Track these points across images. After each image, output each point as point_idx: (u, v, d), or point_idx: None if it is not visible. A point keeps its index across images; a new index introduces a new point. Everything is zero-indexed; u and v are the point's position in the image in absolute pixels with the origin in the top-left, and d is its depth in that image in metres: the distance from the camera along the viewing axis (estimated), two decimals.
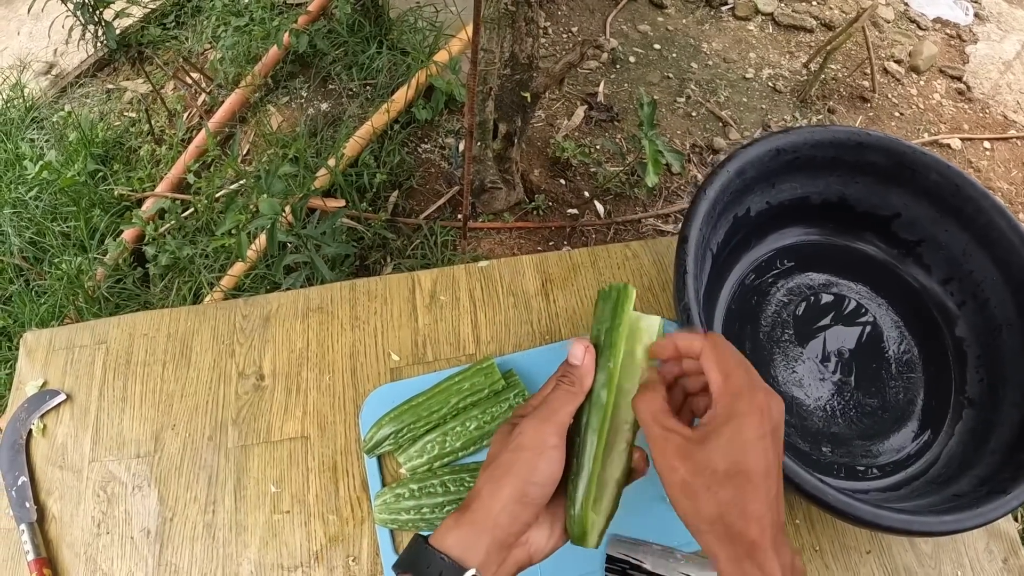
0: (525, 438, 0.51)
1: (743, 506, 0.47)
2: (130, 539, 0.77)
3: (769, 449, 0.48)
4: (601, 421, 0.52)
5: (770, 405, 0.49)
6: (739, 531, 0.47)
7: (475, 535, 0.48)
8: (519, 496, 0.49)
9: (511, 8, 1.38)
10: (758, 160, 0.77)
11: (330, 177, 1.90)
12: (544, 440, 0.50)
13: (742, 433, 0.48)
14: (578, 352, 0.54)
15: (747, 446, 0.48)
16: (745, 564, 0.46)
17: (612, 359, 0.53)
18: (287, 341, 0.87)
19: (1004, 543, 0.75)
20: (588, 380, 0.53)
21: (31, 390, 0.86)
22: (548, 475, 0.50)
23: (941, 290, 0.83)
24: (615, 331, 0.53)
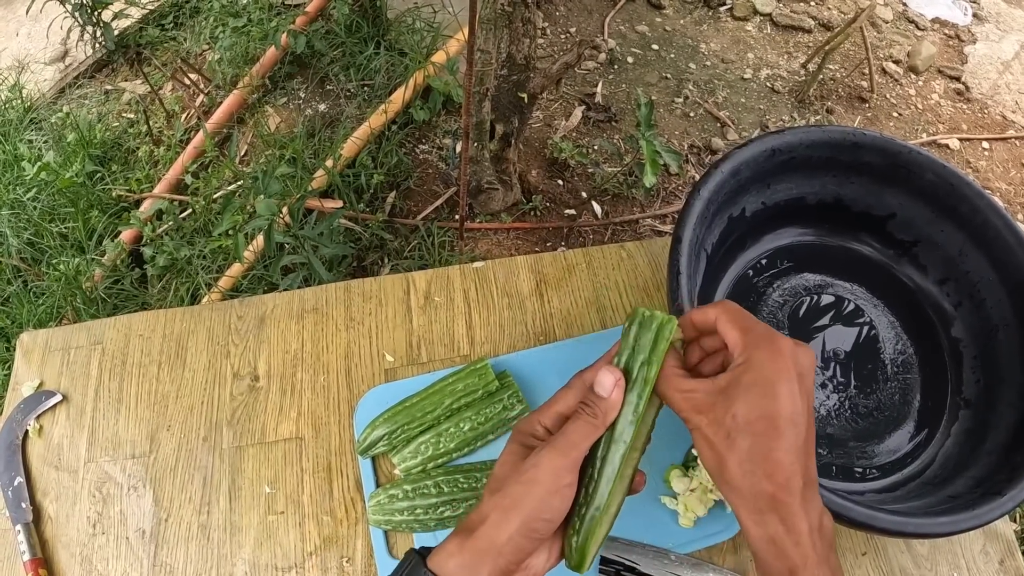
0: (540, 472, 0.48)
1: (766, 454, 0.45)
2: (125, 539, 0.77)
3: (796, 394, 0.46)
4: (622, 460, 0.50)
5: (796, 351, 0.47)
6: (761, 482, 0.45)
7: (477, 563, 0.47)
8: (527, 531, 0.48)
9: (508, 9, 1.38)
10: (753, 160, 0.77)
11: (327, 178, 1.90)
12: (559, 477, 0.48)
13: (764, 377, 0.46)
14: (607, 383, 0.50)
15: (769, 390, 0.46)
16: (768, 518, 0.45)
17: (641, 396, 0.50)
18: (282, 342, 0.87)
19: (1001, 544, 0.75)
20: (612, 415, 0.50)
21: (27, 391, 0.86)
22: (559, 511, 0.49)
23: (937, 290, 0.83)
24: (651, 368, 0.50)
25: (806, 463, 0.46)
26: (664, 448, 0.77)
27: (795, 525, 0.44)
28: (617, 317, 0.87)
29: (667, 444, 0.77)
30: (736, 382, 0.47)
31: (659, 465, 0.76)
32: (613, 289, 0.89)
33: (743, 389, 0.46)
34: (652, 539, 0.72)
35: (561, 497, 0.48)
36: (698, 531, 0.73)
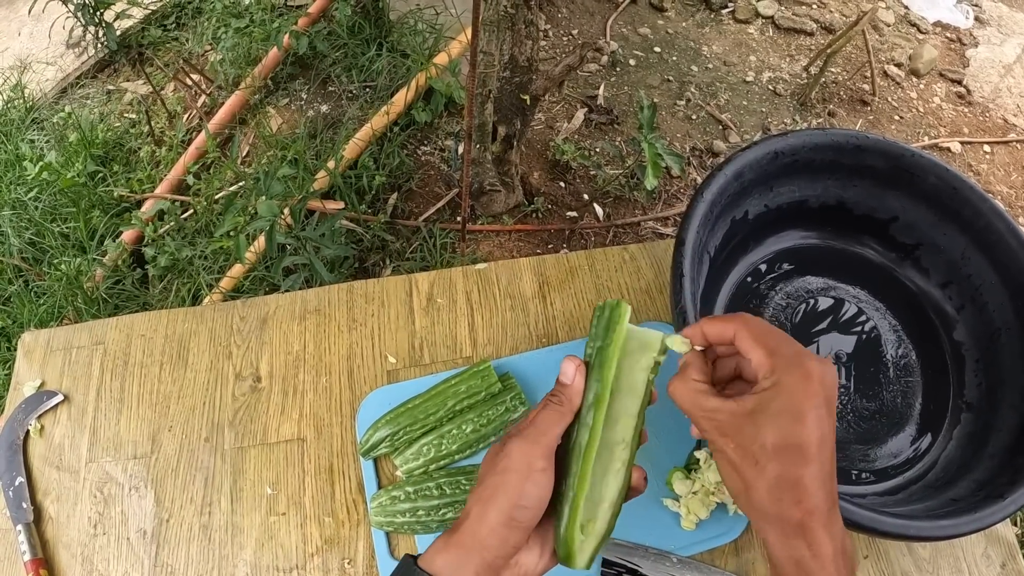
0: (511, 460, 0.50)
1: (795, 481, 0.45)
2: (126, 540, 0.77)
3: (824, 419, 0.46)
4: (588, 441, 0.51)
5: (823, 373, 0.47)
6: (790, 509, 0.45)
7: (464, 557, 0.48)
8: (506, 520, 0.48)
9: (510, 11, 1.38)
10: (756, 163, 0.77)
11: (329, 179, 1.90)
12: (530, 463, 0.49)
13: (794, 403, 0.46)
14: (569, 370, 0.53)
15: (799, 417, 0.46)
16: (795, 542, 0.45)
17: (602, 378, 0.52)
18: (284, 343, 0.87)
19: (1002, 548, 0.75)
20: (577, 400, 0.52)
21: (28, 391, 0.86)
22: (535, 498, 0.49)
23: (940, 294, 0.83)
24: (606, 350, 0.52)
25: (831, 487, 0.46)
26: (666, 451, 0.77)
27: (821, 549, 0.45)
28: None
29: (669, 447, 0.77)
30: (764, 407, 0.47)
31: (661, 468, 0.76)
32: (616, 291, 0.89)
33: (772, 415, 0.46)
34: (654, 541, 0.72)
35: (535, 483, 0.49)
36: (700, 534, 0.73)
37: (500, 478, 0.49)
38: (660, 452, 0.77)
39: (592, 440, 0.51)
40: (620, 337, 0.52)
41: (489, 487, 0.50)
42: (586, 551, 0.51)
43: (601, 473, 0.52)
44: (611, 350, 0.52)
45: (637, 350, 0.53)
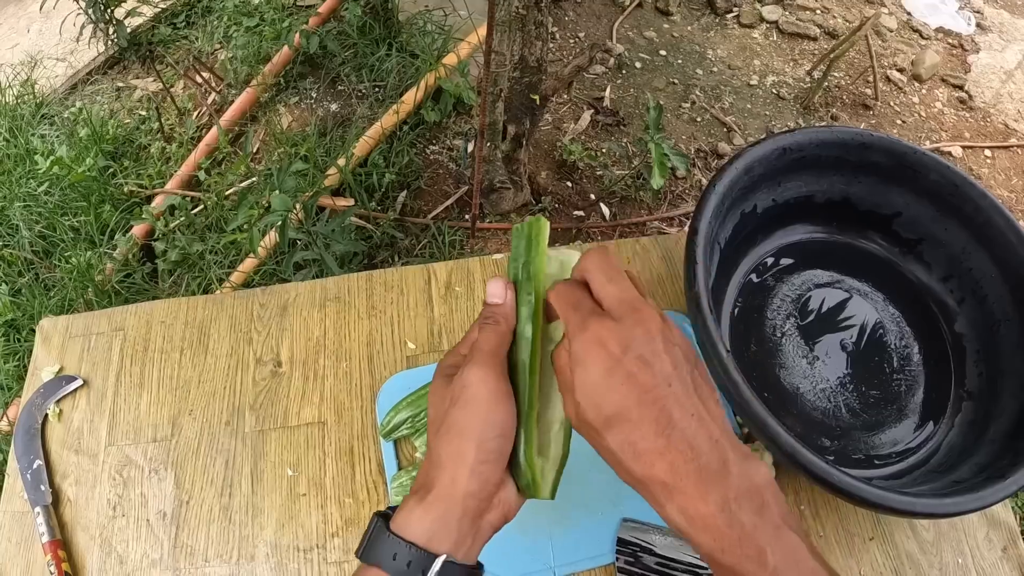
0: (473, 390, 0.46)
1: (632, 448, 0.42)
2: (146, 522, 0.79)
3: (634, 375, 0.42)
4: (531, 356, 0.48)
5: (613, 331, 0.43)
6: (644, 473, 0.42)
7: (444, 514, 0.44)
8: (484, 456, 0.45)
9: (522, 12, 1.40)
10: (765, 158, 0.79)
11: (340, 176, 1.92)
12: (493, 387, 0.46)
13: (589, 378, 0.43)
14: (497, 290, 0.50)
15: (599, 387, 0.42)
16: (668, 510, 0.41)
17: (533, 291, 0.50)
18: (304, 329, 0.89)
19: (1003, 532, 0.77)
20: (512, 317, 0.49)
21: (47, 376, 0.87)
22: (506, 424, 0.46)
23: (941, 287, 0.85)
24: (532, 264, 0.51)
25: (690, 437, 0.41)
26: None
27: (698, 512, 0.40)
28: None
29: None
30: (573, 389, 0.44)
31: None
32: None
33: (579, 393, 0.44)
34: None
35: (501, 408, 0.46)
36: None
37: (464, 412, 0.46)
38: None
39: (534, 355, 0.49)
40: (543, 249, 0.51)
41: (455, 426, 0.46)
42: (548, 478, 0.49)
43: (545, 396, 0.50)
44: (538, 262, 0.50)
45: (557, 270, 0.52)
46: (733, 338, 0.83)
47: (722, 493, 0.40)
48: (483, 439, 0.45)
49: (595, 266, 0.47)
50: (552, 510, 0.75)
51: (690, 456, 0.40)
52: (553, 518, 0.75)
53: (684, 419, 0.41)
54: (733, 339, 0.83)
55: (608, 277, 0.46)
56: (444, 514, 0.44)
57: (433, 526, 0.44)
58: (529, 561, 0.73)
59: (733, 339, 0.83)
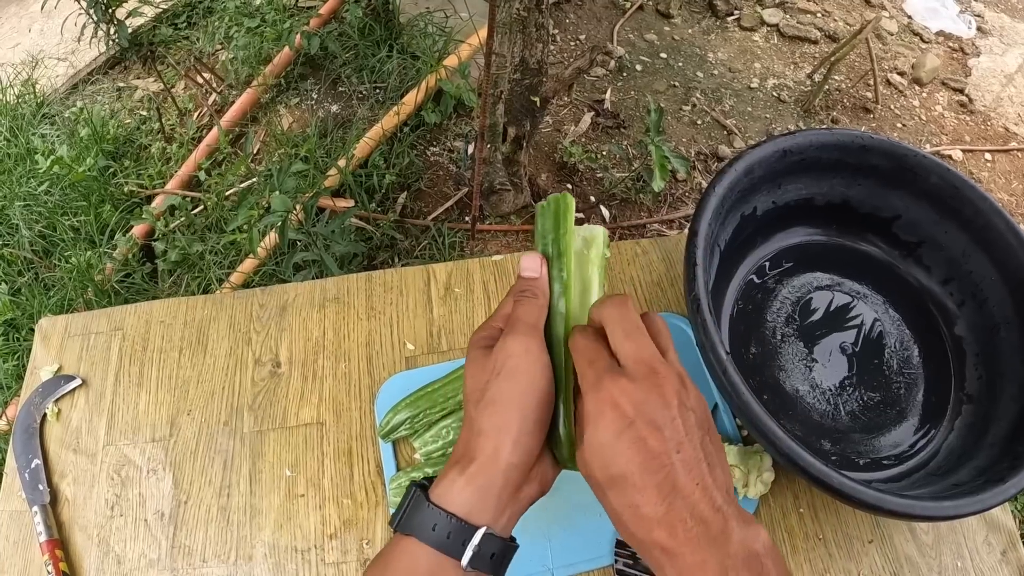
0: (516, 360, 0.46)
1: (635, 511, 0.42)
2: (143, 521, 0.78)
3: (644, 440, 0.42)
4: (563, 333, 0.49)
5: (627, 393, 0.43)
6: (645, 536, 0.41)
7: (485, 487, 0.44)
8: (528, 427, 0.45)
9: (523, 14, 1.41)
10: (765, 160, 0.79)
11: (340, 177, 1.92)
12: (536, 357, 0.46)
13: (599, 437, 0.43)
14: (533, 264, 0.51)
15: (608, 448, 0.42)
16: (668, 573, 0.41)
17: (564, 267, 0.51)
18: (304, 330, 0.89)
19: (1003, 536, 0.76)
20: (547, 290, 0.50)
21: (46, 375, 0.87)
22: (549, 394, 0.46)
23: (941, 290, 0.85)
24: (562, 239, 0.52)
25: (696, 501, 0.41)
26: None
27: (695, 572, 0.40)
28: None
29: None
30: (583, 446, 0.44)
31: None
32: (628, 283, 0.91)
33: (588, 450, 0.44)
34: None
35: (543, 378, 0.46)
36: None
37: (508, 383, 0.45)
38: None
39: (568, 329, 0.49)
40: (571, 226, 0.52)
41: (499, 396, 0.45)
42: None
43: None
44: (567, 238, 0.51)
45: (583, 247, 0.53)
46: (732, 340, 0.83)
47: (720, 560, 0.39)
48: (527, 410, 0.45)
49: (613, 318, 0.46)
50: (551, 511, 0.75)
51: (690, 524, 0.40)
52: (552, 519, 0.75)
53: (689, 486, 0.41)
54: (732, 341, 0.83)
55: (626, 332, 0.46)
56: (486, 485, 0.44)
57: (474, 497, 0.44)
58: (527, 562, 0.72)
59: (732, 341, 0.83)
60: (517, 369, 0.46)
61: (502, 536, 0.45)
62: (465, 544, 0.43)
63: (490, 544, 0.44)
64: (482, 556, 0.43)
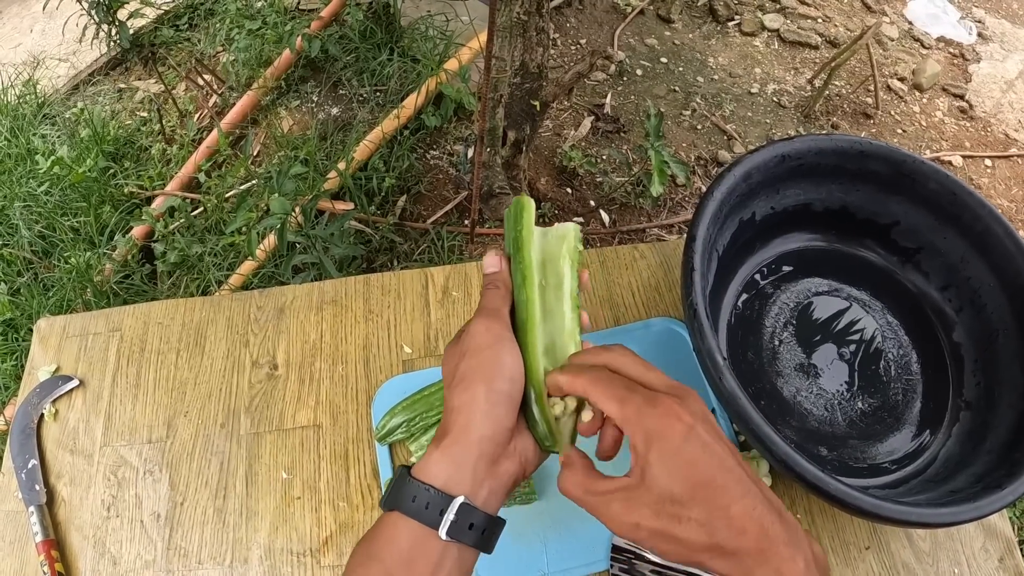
0: (479, 338, 0.49)
1: (725, 513, 0.41)
2: (139, 523, 0.79)
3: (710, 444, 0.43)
4: (528, 316, 0.52)
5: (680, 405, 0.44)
6: (736, 542, 0.41)
7: (460, 458, 0.46)
8: (495, 398, 0.47)
9: (523, 17, 1.41)
10: (764, 165, 0.79)
11: (339, 180, 1.92)
12: (497, 332, 0.50)
13: (670, 448, 0.43)
14: (492, 260, 0.55)
15: (684, 456, 0.42)
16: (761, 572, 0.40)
17: (522, 259, 0.54)
18: (301, 332, 0.89)
19: (1000, 542, 0.76)
20: (508, 281, 0.54)
21: (43, 375, 0.87)
22: (514, 367, 0.49)
23: (939, 296, 0.85)
24: (519, 236, 0.55)
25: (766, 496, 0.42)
26: None
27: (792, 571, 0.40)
28: (630, 315, 0.89)
29: None
30: (647, 464, 0.43)
31: None
32: (626, 288, 0.91)
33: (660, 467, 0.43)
34: None
35: (508, 352, 0.49)
36: None
37: (473, 360, 0.49)
38: None
39: (530, 313, 0.52)
40: (526, 222, 0.55)
41: (466, 375, 0.48)
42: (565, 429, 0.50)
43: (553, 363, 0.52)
44: (523, 233, 0.55)
45: (555, 244, 0.56)
46: (730, 346, 0.83)
47: (805, 556, 0.41)
48: (492, 382, 0.47)
49: (628, 361, 0.49)
50: (546, 516, 0.75)
51: (774, 518, 0.41)
52: (547, 524, 0.75)
53: (757, 487, 0.43)
54: (730, 347, 0.83)
55: (646, 367, 0.49)
56: (460, 457, 0.46)
57: (449, 468, 0.45)
58: (523, 567, 0.72)
59: (730, 347, 0.83)
60: (479, 345, 0.49)
61: (484, 510, 0.46)
62: (443, 513, 0.44)
63: (468, 515, 0.45)
64: (460, 527, 0.45)
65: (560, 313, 0.54)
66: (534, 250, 0.55)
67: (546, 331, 0.53)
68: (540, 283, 0.54)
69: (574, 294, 0.55)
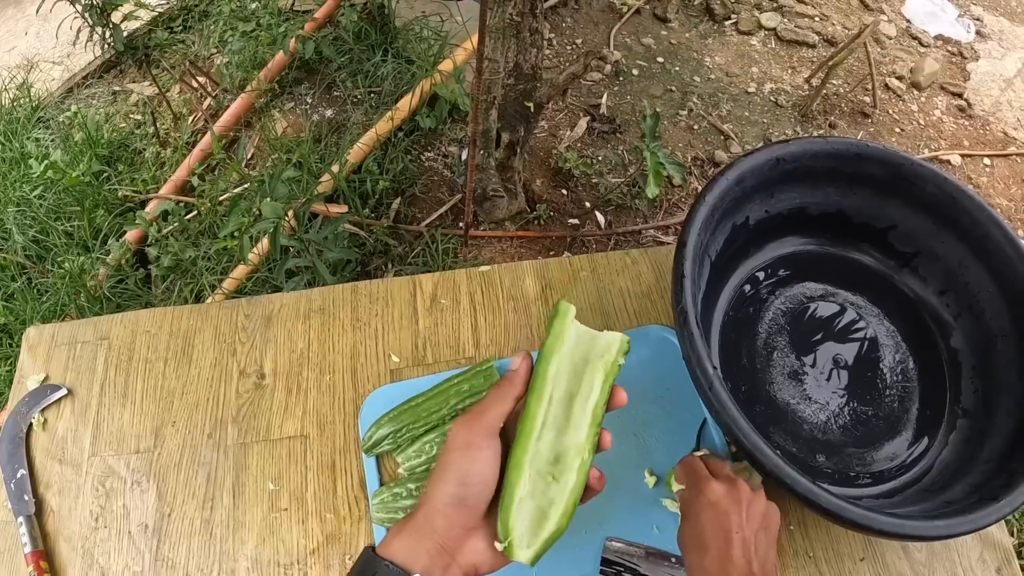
0: (453, 439, 0.52)
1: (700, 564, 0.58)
2: (127, 534, 0.78)
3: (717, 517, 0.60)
4: (521, 430, 0.52)
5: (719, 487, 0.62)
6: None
7: (418, 540, 0.49)
8: (452, 499, 0.50)
9: (516, 18, 1.40)
10: (758, 169, 0.78)
11: (333, 183, 1.91)
12: (469, 440, 0.51)
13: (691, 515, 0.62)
14: (516, 360, 0.56)
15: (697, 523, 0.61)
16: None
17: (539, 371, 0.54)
18: (288, 341, 0.88)
19: (998, 553, 0.75)
20: (519, 384, 0.54)
21: (32, 384, 0.87)
22: (478, 476, 0.51)
23: (937, 301, 0.84)
24: (545, 344, 0.55)
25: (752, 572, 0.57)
26: (665, 453, 0.78)
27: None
28: (621, 322, 0.88)
29: (668, 448, 0.78)
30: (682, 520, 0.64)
31: (661, 469, 0.77)
32: (617, 295, 0.90)
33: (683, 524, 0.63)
34: (653, 541, 0.73)
35: (474, 460, 0.51)
36: None
37: (445, 458, 0.51)
38: (660, 453, 0.78)
39: (525, 428, 0.52)
40: (558, 331, 0.55)
41: (438, 467, 0.52)
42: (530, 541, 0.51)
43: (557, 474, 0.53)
44: (549, 344, 0.55)
45: (596, 353, 0.56)
46: (723, 351, 0.82)
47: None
48: (456, 484, 0.50)
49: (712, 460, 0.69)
50: None
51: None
52: None
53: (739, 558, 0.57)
54: (723, 352, 0.82)
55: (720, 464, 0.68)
56: (417, 540, 0.50)
57: (408, 548, 0.49)
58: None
59: (723, 352, 0.82)
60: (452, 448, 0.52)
61: None
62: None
63: None
64: None
65: (578, 426, 0.54)
66: (563, 360, 0.55)
67: (559, 440, 0.54)
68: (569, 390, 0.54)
69: (599, 410, 0.55)
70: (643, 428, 0.79)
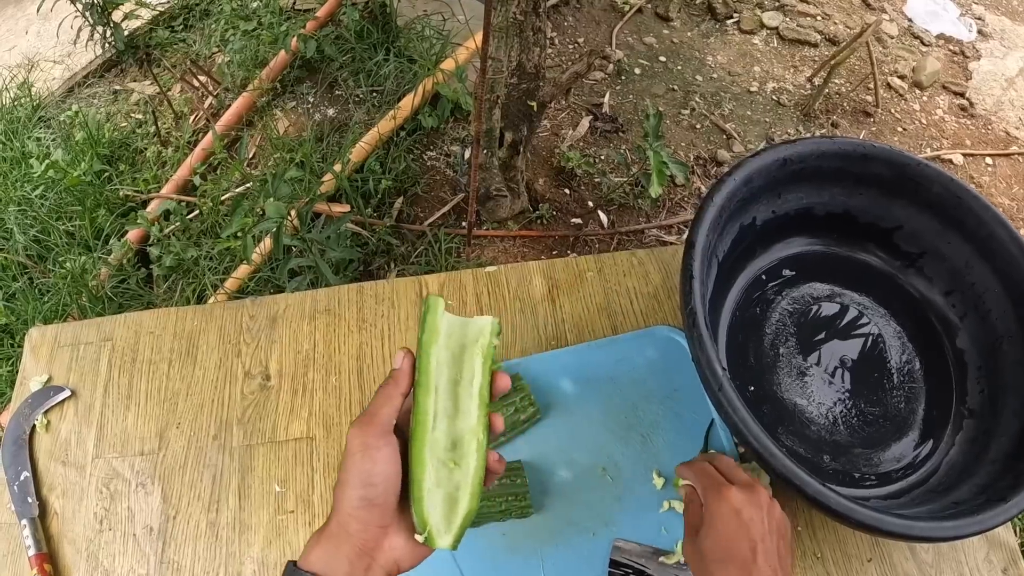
0: (349, 444, 0.53)
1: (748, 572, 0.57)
2: (132, 536, 0.78)
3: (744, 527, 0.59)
4: (415, 424, 0.53)
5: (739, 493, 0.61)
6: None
7: (334, 547, 0.50)
8: (361, 501, 0.51)
9: (519, 17, 1.39)
10: (765, 169, 0.78)
11: (336, 182, 1.91)
12: (366, 442, 0.52)
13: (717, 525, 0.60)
14: (398, 357, 0.57)
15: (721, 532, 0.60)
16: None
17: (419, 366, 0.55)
18: (294, 342, 0.88)
19: (1004, 553, 0.75)
20: (404, 381, 0.55)
21: (35, 386, 0.87)
22: (381, 475, 0.51)
23: (943, 301, 0.84)
24: (420, 337, 0.56)
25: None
26: (671, 454, 0.78)
27: None
28: (628, 323, 0.88)
29: (674, 450, 0.78)
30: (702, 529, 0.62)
31: (669, 470, 0.77)
32: (624, 295, 0.90)
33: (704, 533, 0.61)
34: (662, 542, 0.73)
35: (373, 460, 0.51)
36: None
37: (346, 463, 0.52)
38: (667, 455, 0.78)
39: (419, 421, 0.53)
40: (431, 325, 0.56)
41: (341, 474, 0.52)
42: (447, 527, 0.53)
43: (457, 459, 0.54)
44: (424, 337, 0.56)
45: (471, 338, 0.57)
46: (730, 352, 0.82)
47: None
48: (358, 486, 0.51)
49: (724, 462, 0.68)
50: (543, 530, 0.74)
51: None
52: (544, 538, 0.73)
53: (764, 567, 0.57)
54: (730, 353, 0.82)
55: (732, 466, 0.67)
56: (334, 548, 0.50)
57: (326, 557, 0.50)
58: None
59: (730, 353, 0.82)
60: (348, 452, 0.52)
61: None
62: None
63: None
64: None
65: (467, 411, 0.55)
66: (441, 350, 0.56)
67: (452, 428, 0.55)
68: (452, 378, 0.56)
69: (484, 392, 0.56)
70: (650, 429, 0.79)
